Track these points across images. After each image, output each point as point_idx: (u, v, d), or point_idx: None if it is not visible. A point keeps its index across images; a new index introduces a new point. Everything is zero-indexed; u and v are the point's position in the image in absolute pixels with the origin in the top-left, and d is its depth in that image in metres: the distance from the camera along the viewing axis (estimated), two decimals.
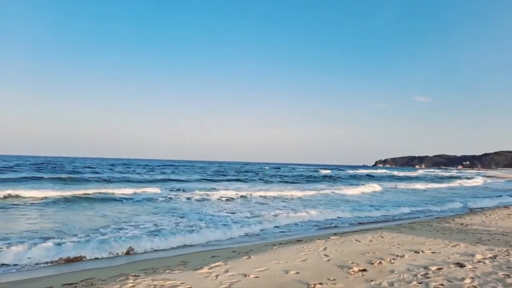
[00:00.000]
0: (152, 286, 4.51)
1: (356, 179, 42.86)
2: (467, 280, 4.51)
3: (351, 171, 70.08)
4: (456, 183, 39.13)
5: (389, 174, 64.20)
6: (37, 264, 6.30)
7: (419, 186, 32.39)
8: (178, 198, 16.61)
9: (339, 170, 79.80)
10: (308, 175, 48.25)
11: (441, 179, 50.04)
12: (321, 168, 79.19)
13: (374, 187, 27.66)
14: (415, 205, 16.54)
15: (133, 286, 4.56)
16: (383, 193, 24.64)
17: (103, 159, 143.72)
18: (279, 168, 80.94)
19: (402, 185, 32.64)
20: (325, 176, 46.57)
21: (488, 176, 64.56)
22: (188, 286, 4.48)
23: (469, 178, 50.03)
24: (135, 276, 5.11)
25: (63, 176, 27.39)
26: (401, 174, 67.59)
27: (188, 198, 16.50)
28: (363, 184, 30.13)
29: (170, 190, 20.14)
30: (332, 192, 22.50)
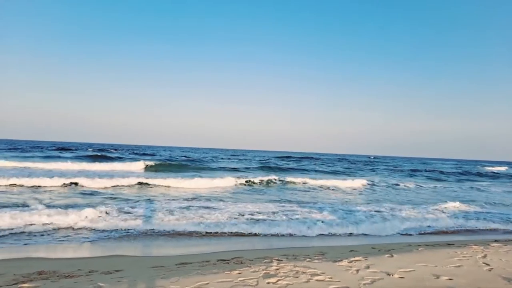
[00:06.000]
0: (295, 271, 4.77)
1: None
2: None
3: None
4: None
5: None
6: None
7: None
8: None
9: None
10: None
11: None
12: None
13: None
14: None
15: (277, 269, 4.91)
16: None
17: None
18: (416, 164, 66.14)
19: None
20: None
21: None
22: (329, 276, 4.56)
23: None
24: (278, 260, 5.49)
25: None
26: None
27: None
28: None
29: None
30: None
